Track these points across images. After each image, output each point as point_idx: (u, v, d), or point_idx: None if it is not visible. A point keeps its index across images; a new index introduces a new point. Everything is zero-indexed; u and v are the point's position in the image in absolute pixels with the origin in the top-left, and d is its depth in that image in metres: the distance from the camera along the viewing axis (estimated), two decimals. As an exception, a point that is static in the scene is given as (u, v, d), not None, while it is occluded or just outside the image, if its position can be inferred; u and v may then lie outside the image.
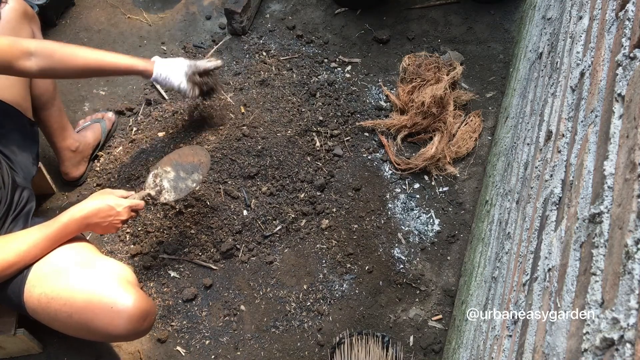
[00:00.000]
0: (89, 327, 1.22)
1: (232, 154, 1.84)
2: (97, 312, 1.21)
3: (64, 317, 1.23)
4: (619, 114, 0.58)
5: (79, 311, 1.22)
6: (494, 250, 1.28)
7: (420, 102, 1.90)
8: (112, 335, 1.23)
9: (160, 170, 1.57)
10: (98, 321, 1.21)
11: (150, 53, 2.21)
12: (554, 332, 0.60)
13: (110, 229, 1.37)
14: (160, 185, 1.54)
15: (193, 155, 1.61)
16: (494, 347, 0.95)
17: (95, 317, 1.21)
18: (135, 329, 1.23)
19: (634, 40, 0.59)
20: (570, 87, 0.89)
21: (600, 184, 0.57)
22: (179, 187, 1.56)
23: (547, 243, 0.77)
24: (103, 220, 1.34)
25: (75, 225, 1.30)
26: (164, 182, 1.55)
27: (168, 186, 1.55)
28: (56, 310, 1.23)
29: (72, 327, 1.25)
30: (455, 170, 1.90)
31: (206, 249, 1.72)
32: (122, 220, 1.38)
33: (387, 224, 1.80)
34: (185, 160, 1.60)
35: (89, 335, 1.26)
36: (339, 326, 1.63)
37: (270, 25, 2.30)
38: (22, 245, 1.24)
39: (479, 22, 2.31)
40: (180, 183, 1.56)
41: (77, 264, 1.28)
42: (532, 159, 1.11)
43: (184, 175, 1.57)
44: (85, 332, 1.25)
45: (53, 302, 1.23)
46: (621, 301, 0.44)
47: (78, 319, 1.22)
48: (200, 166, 1.60)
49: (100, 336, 1.25)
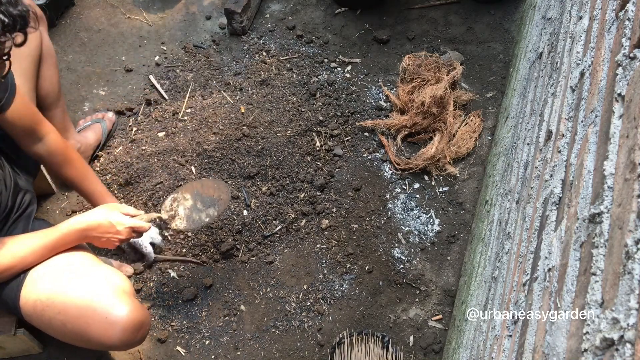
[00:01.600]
0: (82, 336, 1.22)
1: (232, 154, 1.84)
2: (90, 322, 1.21)
3: (58, 325, 1.23)
4: (619, 114, 0.58)
5: (73, 320, 1.21)
6: (494, 250, 1.28)
7: (420, 102, 1.90)
8: (105, 344, 1.23)
9: (180, 195, 1.56)
10: (92, 331, 1.21)
11: (150, 53, 2.21)
12: (554, 332, 0.60)
13: (108, 244, 1.35)
14: (175, 211, 1.54)
15: (215, 190, 1.61)
16: (494, 347, 0.95)
17: (89, 327, 1.21)
18: (129, 340, 1.23)
19: (634, 40, 0.59)
20: (570, 87, 0.89)
21: (600, 184, 0.57)
22: (192, 218, 1.55)
23: (547, 243, 0.77)
24: (102, 235, 1.32)
25: (74, 235, 1.30)
26: (179, 209, 1.54)
27: (182, 214, 1.54)
28: (50, 317, 1.23)
29: (66, 335, 1.24)
30: (455, 170, 1.90)
31: (206, 249, 1.72)
32: (120, 239, 1.35)
33: (387, 224, 1.80)
34: (206, 193, 1.59)
35: (83, 343, 1.26)
36: (339, 326, 1.62)
37: (270, 25, 2.30)
38: (20, 250, 1.23)
39: (479, 22, 2.31)
40: (195, 214, 1.55)
41: (74, 272, 1.28)
42: (532, 159, 1.11)
43: (200, 207, 1.57)
44: (79, 341, 1.25)
45: (48, 310, 1.23)
46: (621, 301, 0.44)
47: (72, 327, 1.22)
48: (218, 202, 1.59)
49: (94, 345, 1.25)
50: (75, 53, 2.21)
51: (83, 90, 2.11)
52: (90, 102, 2.08)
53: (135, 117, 2.02)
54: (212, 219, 1.56)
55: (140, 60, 2.20)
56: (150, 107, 2.04)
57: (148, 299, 1.65)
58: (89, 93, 2.11)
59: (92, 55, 2.21)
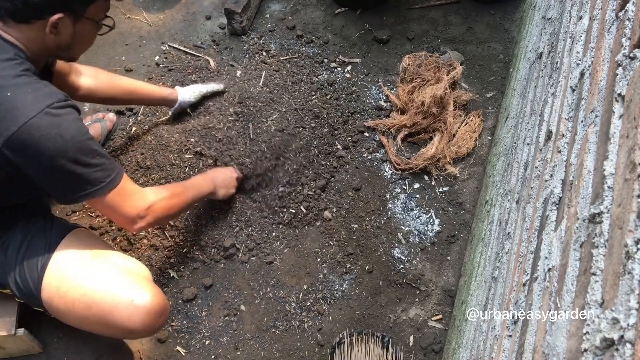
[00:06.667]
0: (107, 320, 1.24)
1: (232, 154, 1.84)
2: (116, 305, 1.23)
3: (82, 307, 1.24)
4: (619, 114, 0.58)
5: (99, 303, 1.23)
6: (494, 250, 1.28)
7: (420, 102, 1.90)
8: (129, 329, 1.25)
9: None
10: (117, 314, 1.23)
11: (150, 53, 2.21)
12: (554, 332, 0.60)
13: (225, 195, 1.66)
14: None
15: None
16: (494, 347, 0.95)
17: (114, 310, 1.23)
18: (152, 324, 1.26)
19: (634, 40, 0.59)
20: (570, 87, 0.89)
21: (600, 184, 0.57)
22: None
23: (547, 243, 0.77)
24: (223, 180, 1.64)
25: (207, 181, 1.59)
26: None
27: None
28: (74, 300, 1.24)
29: (88, 319, 1.26)
30: (455, 170, 1.90)
31: (206, 249, 1.72)
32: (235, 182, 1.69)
33: (387, 224, 1.80)
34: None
35: (104, 328, 1.27)
36: (339, 326, 1.62)
37: (270, 25, 2.30)
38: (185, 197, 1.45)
39: (479, 22, 2.31)
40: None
41: (98, 257, 1.31)
42: (532, 159, 1.11)
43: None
44: (100, 324, 1.26)
45: (72, 291, 1.24)
46: (621, 301, 0.44)
47: (96, 310, 1.23)
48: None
49: (115, 329, 1.26)
50: (75, 53, 2.21)
51: (83, 90, 2.11)
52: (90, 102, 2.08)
53: (135, 117, 2.02)
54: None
55: (140, 60, 2.20)
56: (151, 106, 2.04)
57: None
58: (89, 93, 2.11)
59: (92, 55, 2.21)
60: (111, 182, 1.20)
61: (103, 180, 1.18)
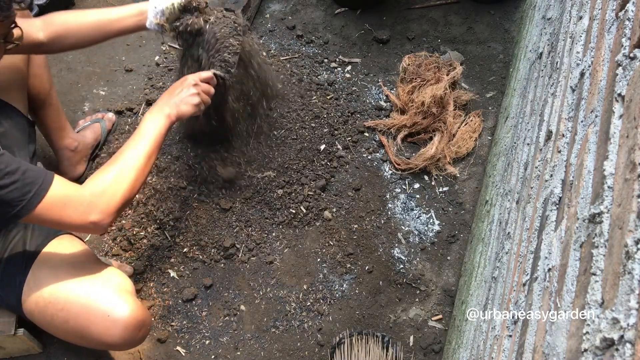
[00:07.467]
0: (84, 334, 1.23)
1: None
2: (93, 320, 1.21)
3: (60, 322, 1.23)
4: (619, 114, 0.58)
5: (75, 317, 1.22)
6: (494, 250, 1.28)
7: (420, 102, 1.90)
8: (106, 343, 1.23)
9: None
10: (93, 329, 1.21)
11: (150, 53, 2.21)
12: (554, 332, 0.60)
13: (192, 107, 1.34)
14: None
15: None
16: (494, 347, 0.95)
17: (91, 325, 1.21)
18: (130, 338, 1.23)
19: (634, 40, 0.59)
20: (570, 87, 0.89)
21: (600, 184, 0.57)
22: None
23: (547, 243, 0.77)
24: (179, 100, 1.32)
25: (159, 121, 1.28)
26: None
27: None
28: (52, 314, 1.23)
29: (67, 332, 1.25)
30: (455, 170, 1.90)
31: (206, 249, 1.72)
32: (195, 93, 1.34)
33: (387, 224, 1.80)
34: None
35: (84, 342, 1.26)
36: (339, 326, 1.62)
37: (270, 25, 2.30)
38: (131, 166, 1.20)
39: (479, 22, 2.31)
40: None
41: (77, 270, 1.28)
42: (532, 159, 1.11)
43: None
44: (80, 339, 1.25)
45: (50, 307, 1.23)
46: (621, 301, 0.44)
47: (74, 325, 1.22)
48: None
49: (95, 344, 1.25)
50: (75, 53, 2.21)
51: (83, 90, 2.11)
52: (90, 102, 2.08)
53: (135, 117, 2.02)
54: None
55: (140, 60, 2.20)
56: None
57: (148, 299, 1.65)
58: (89, 93, 2.11)
59: (92, 55, 2.21)
60: (34, 196, 1.07)
61: (23, 198, 1.06)
